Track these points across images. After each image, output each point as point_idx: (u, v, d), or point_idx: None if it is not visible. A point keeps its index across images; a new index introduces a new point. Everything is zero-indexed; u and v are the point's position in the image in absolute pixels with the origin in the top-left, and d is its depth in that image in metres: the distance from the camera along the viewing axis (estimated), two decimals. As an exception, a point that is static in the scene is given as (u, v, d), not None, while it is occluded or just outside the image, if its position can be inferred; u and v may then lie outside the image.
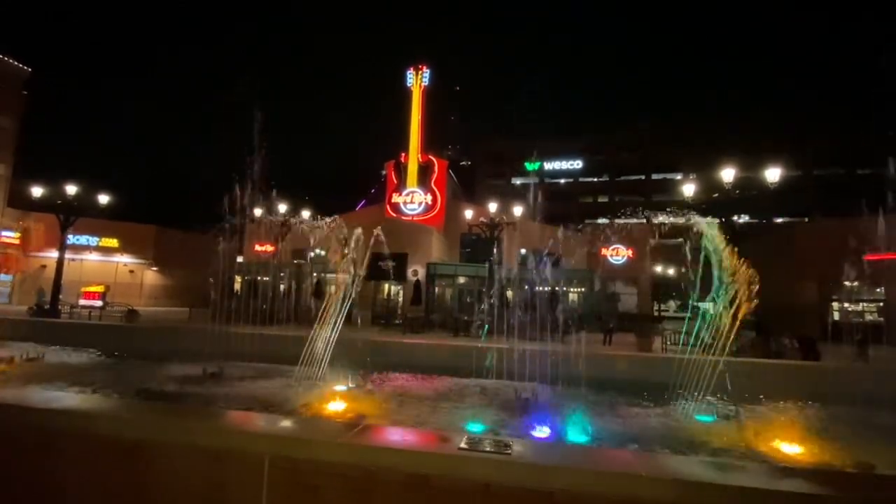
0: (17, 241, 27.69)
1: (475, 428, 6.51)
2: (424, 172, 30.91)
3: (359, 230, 9.52)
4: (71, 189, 19.30)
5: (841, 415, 7.48)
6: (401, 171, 31.33)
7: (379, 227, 10.16)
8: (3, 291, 27.58)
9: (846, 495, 2.08)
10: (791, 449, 5.84)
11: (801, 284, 22.87)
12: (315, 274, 25.90)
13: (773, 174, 15.86)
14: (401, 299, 24.94)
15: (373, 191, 40.57)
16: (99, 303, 21.61)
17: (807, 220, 39.21)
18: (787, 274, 22.32)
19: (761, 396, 8.79)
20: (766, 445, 6.03)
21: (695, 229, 8.52)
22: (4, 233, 27.12)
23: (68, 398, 3.51)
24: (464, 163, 66.39)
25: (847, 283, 24.08)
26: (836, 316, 23.11)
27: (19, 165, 28.02)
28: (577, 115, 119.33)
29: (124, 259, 31.62)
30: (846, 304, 24.54)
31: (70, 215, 19.33)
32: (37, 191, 19.48)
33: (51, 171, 20.65)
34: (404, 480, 2.25)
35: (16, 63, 26.91)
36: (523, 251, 30.02)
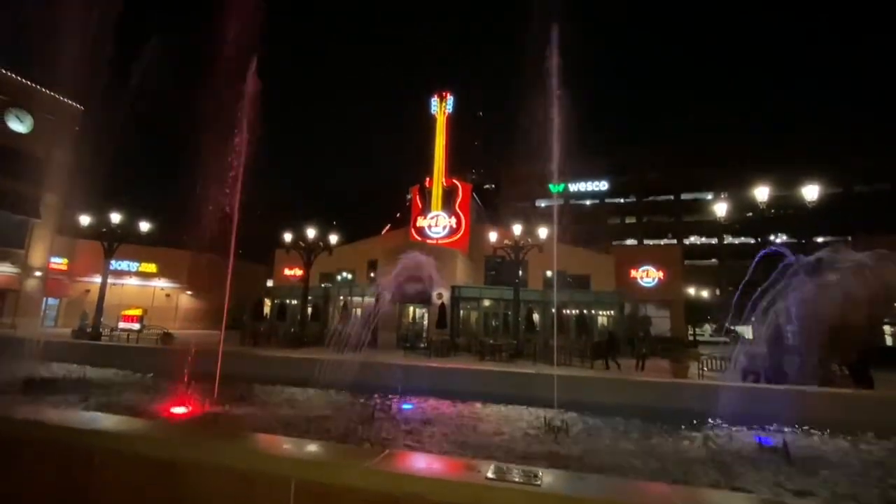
0: (64, 268, 29.32)
1: (502, 457, 6.34)
2: (449, 196, 31.26)
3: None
4: (115, 217, 20.37)
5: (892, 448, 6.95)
6: (425, 195, 31.77)
7: (434, 264, 10.10)
8: (49, 315, 29.07)
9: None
10: (836, 485, 5.43)
11: (848, 306, 21.68)
12: (342, 297, 26.27)
13: (810, 192, 15.24)
14: (426, 322, 24.88)
15: (398, 215, 41.18)
16: (137, 325, 22.52)
17: (850, 238, 37.47)
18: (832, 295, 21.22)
19: (808, 427, 8.27)
20: (812, 479, 5.63)
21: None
22: (53, 259, 28.75)
23: (107, 419, 3.63)
24: (487, 186, 66.79)
25: (899, 305, 22.62)
26: (890, 340, 21.73)
27: (67, 196, 29.84)
28: (602, 136, 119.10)
29: (161, 283, 32.94)
30: (899, 328, 23.01)
31: (113, 242, 20.34)
32: (84, 219, 20.62)
33: (92, 199, 21.76)
34: (430, 509, 2.20)
35: (71, 102, 29.06)
36: (549, 273, 29.65)
